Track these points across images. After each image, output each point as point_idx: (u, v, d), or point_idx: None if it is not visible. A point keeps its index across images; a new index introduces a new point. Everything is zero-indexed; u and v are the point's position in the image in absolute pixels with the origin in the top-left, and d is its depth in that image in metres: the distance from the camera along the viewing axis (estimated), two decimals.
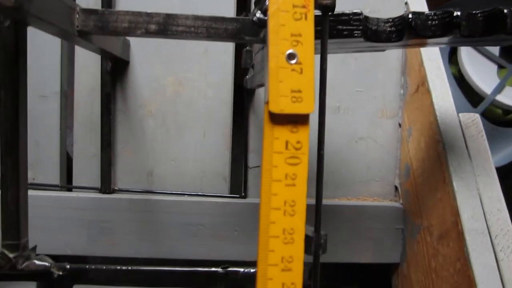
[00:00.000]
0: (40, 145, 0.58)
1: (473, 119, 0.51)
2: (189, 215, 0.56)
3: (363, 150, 0.60)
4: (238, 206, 0.57)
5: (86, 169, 0.58)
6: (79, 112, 0.58)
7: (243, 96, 0.58)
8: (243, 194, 0.58)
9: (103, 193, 0.57)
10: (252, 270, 0.33)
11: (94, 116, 0.57)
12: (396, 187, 0.61)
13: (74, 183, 0.58)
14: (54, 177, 0.58)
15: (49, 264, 0.34)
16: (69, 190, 0.58)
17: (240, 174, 0.59)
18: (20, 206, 0.33)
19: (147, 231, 0.56)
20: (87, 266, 0.34)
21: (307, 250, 0.28)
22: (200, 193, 0.58)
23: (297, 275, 0.27)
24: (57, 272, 0.34)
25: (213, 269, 0.34)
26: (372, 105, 0.60)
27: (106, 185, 0.57)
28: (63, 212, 0.55)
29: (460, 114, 0.51)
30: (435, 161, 0.50)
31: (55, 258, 0.36)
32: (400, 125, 0.60)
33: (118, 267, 0.35)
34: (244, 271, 0.34)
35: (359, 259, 0.59)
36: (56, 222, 0.55)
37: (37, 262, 0.34)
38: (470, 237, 0.44)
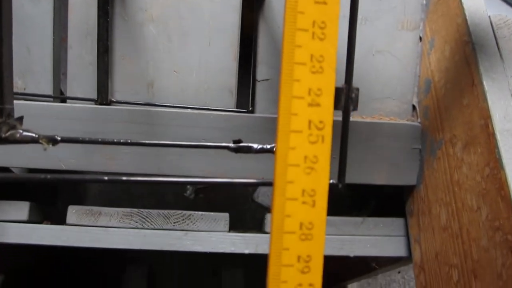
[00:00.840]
0: (32, 52, 0.53)
1: (505, 20, 0.46)
2: (192, 128, 0.52)
3: (381, 64, 0.56)
4: (244, 121, 0.53)
5: (82, 78, 0.54)
6: (74, 15, 0.53)
7: (253, 1, 0.54)
8: (250, 108, 0.54)
9: (100, 104, 0.53)
10: (268, 146, 0.30)
11: (90, 19, 0.53)
12: (414, 106, 0.57)
13: (68, 94, 0.54)
14: (46, 87, 0.54)
15: (37, 136, 0.30)
16: (63, 101, 0.54)
17: (248, 88, 0.55)
18: (3, 66, 0.29)
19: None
20: (81, 138, 0.31)
21: (336, 105, 0.24)
22: (204, 107, 0.54)
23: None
24: (46, 145, 0.30)
25: (224, 144, 0.30)
26: (392, 16, 0.55)
27: (103, 96, 0.53)
28: (56, 123, 0.51)
29: (491, 15, 0.47)
30: (462, 66, 0.46)
31: (48, 173, 0.32)
32: (421, 38, 0.56)
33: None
34: (258, 147, 0.30)
35: (372, 180, 0.55)
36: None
37: (23, 132, 0.30)
38: (502, 138, 0.40)
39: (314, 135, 0.24)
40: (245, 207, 1.25)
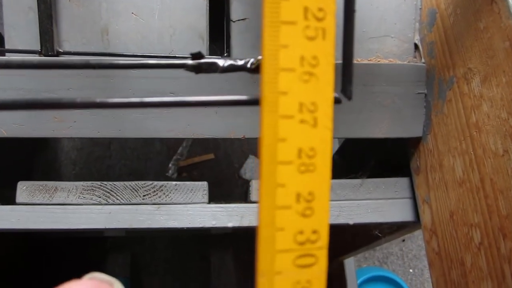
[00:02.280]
0: None
1: None
2: (157, 80, 0.44)
3: None
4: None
5: (21, 26, 0.45)
6: None
7: None
8: (225, 54, 0.45)
9: (45, 56, 0.44)
10: (239, 62, 0.21)
11: None
12: (416, 45, 0.49)
13: (6, 45, 0.45)
14: None
15: None
16: (0, 54, 0.45)
17: (221, 30, 0.47)
18: None
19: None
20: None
21: None
22: (170, 55, 0.45)
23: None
24: None
25: (178, 61, 0.22)
26: None
27: (48, 46, 0.44)
28: None
29: None
30: None
31: None
32: None
33: None
34: (225, 63, 0.21)
35: (372, 134, 0.47)
36: None
37: None
38: None
39: (312, 28, 0.17)
40: (232, 184, 1.17)
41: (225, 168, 1.20)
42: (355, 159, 0.69)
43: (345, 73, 0.17)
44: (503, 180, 0.35)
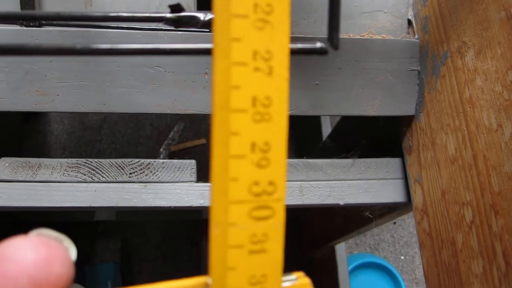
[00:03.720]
0: None
1: None
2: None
3: None
4: (209, 39, 0.43)
5: None
6: None
7: None
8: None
9: (26, 26, 0.42)
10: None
11: None
12: (409, 21, 0.47)
13: None
14: None
15: None
16: None
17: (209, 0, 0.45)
18: None
19: (88, 77, 0.42)
20: None
21: None
22: (157, 27, 0.44)
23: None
24: None
25: (156, 14, 0.20)
26: None
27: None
28: None
29: None
30: None
31: None
32: None
33: None
34: (207, 17, 0.20)
35: (364, 111, 0.46)
36: None
37: None
38: None
39: None
40: None
41: None
42: (347, 140, 0.68)
43: (332, 19, 0.16)
44: (496, 156, 0.34)
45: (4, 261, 0.14)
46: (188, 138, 1.19)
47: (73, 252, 0.16)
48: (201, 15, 0.20)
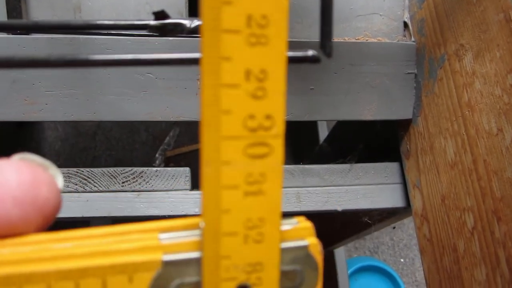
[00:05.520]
0: None
1: None
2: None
3: None
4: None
5: None
6: None
7: None
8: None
9: (13, 34, 0.41)
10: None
11: None
12: (405, 24, 0.46)
13: None
14: None
15: None
16: None
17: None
18: None
19: (77, 84, 0.41)
20: None
21: None
22: (148, 33, 0.43)
23: None
24: None
25: (138, 22, 0.19)
26: None
27: None
28: None
29: None
30: None
31: None
32: None
33: None
34: (192, 24, 0.19)
35: (360, 116, 0.45)
36: None
37: None
38: None
39: None
40: None
41: None
42: (344, 144, 0.67)
43: (324, 25, 0.15)
44: (497, 161, 0.33)
45: None
46: (184, 143, 1.18)
47: (60, 180, 0.16)
48: (186, 22, 0.19)
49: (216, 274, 0.15)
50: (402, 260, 1.24)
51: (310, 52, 0.15)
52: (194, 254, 0.15)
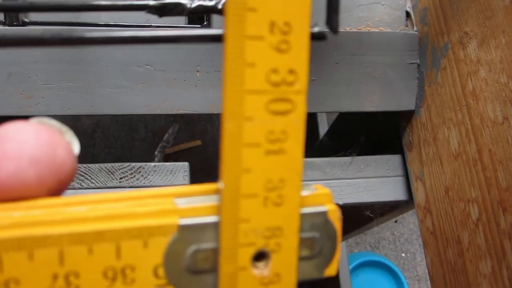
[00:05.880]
0: None
1: None
2: (132, 50, 0.40)
3: None
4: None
5: None
6: None
7: None
8: (205, 22, 0.42)
9: (9, 25, 0.40)
10: (210, 3, 0.18)
11: None
12: (407, 13, 0.46)
13: None
14: None
15: None
16: None
17: None
18: None
19: (74, 77, 0.41)
20: None
21: None
22: (146, 24, 0.42)
23: None
24: None
25: (138, 2, 0.19)
26: None
27: (13, 16, 0.40)
28: None
29: None
30: None
31: None
32: None
33: None
34: (192, 4, 0.19)
35: (362, 107, 0.44)
36: None
37: None
38: None
39: None
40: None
41: (212, 155, 1.17)
42: (345, 137, 0.67)
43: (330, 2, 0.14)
44: (503, 150, 0.33)
45: (4, 140, 0.13)
46: (183, 140, 1.17)
47: (76, 145, 0.15)
48: (187, 2, 0.18)
49: (234, 239, 0.15)
50: (403, 254, 1.24)
51: (316, 28, 0.15)
52: (211, 219, 0.15)
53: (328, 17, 0.15)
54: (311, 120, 0.95)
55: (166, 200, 0.15)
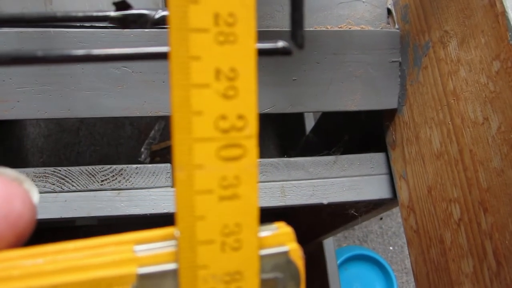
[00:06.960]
0: None
1: None
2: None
3: None
4: None
5: None
6: None
7: None
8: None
9: None
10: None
11: None
12: (389, 11, 0.45)
13: None
14: None
15: None
16: None
17: None
18: None
19: (50, 80, 0.40)
20: None
21: None
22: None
23: None
24: None
25: (98, 13, 0.18)
26: None
27: None
28: None
29: None
30: None
31: None
32: None
33: None
34: (158, 14, 0.18)
35: (344, 106, 0.44)
36: None
37: None
38: None
39: None
40: None
41: None
42: (329, 136, 0.66)
43: (294, 12, 0.14)
44: (483, 151, 0.33)
45: None
46: (169, 137, 1.16)
47: (35, 194, 0.15)
48: (150, 13, 0.17)
49: (194, 286, 0.14)
50: (391, 248, 1.24)
51: (281, 44, 0.14)
52: (170, 266, 0.14)
53: (292, 32, 0.14)
54: (298, 116, 0.95)
55: (125, 248, 0.14)
